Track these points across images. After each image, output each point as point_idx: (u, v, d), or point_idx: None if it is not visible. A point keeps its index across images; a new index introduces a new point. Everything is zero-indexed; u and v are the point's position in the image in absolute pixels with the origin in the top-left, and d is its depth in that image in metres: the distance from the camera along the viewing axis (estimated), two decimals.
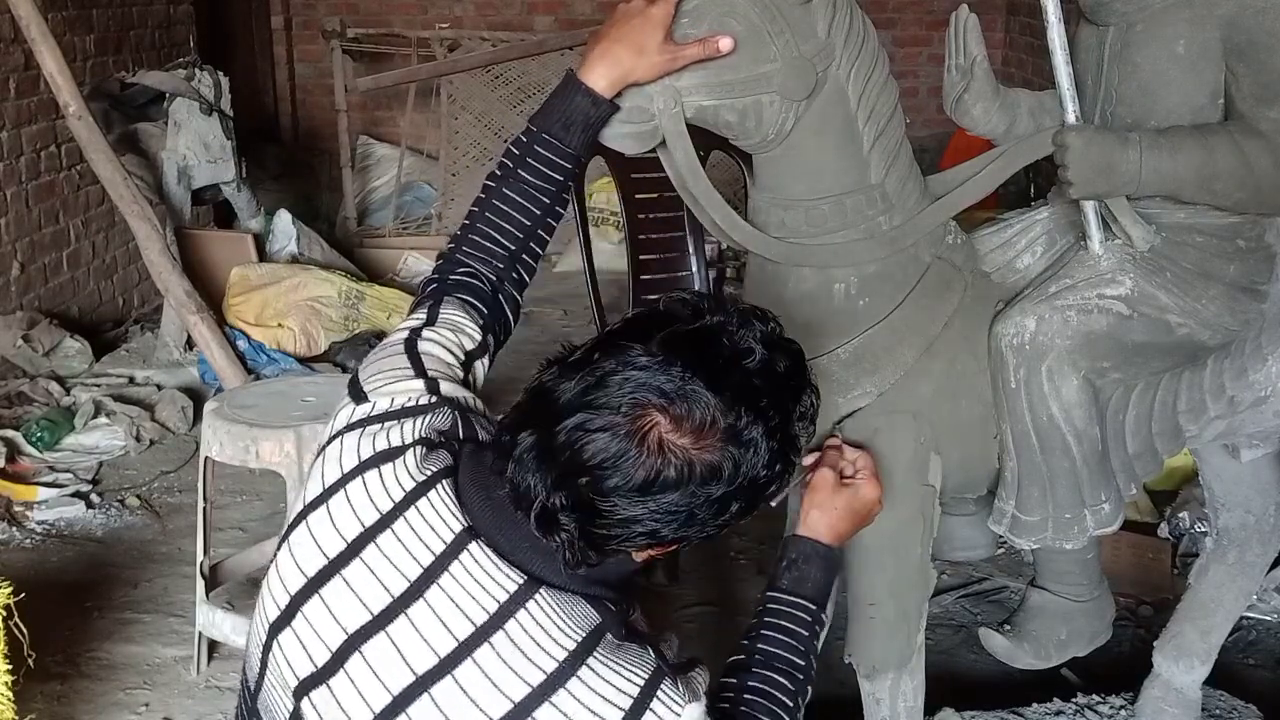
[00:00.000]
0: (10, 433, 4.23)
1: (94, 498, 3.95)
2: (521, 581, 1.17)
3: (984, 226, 2.08)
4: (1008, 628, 2.22)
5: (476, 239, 1.51)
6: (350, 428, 1.29)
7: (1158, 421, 1.99)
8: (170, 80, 5.53)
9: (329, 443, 1.30)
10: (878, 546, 1.93)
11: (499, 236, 1.51)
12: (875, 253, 1.84)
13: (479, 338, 1.44)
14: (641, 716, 1.14)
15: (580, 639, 1.16)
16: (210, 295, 4.94)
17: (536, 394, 1.20)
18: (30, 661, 2.39)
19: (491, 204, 1.52)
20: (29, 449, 4.20)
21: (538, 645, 1.15)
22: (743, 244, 1.84)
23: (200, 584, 3.00)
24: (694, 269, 3.88)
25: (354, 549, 1.21)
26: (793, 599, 1.47)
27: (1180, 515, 3.44)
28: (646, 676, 1.16)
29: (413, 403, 1.30)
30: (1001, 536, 2.04)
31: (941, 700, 2.51)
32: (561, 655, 1.15)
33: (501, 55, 6.52)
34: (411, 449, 1.25)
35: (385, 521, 1.21)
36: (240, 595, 3.34)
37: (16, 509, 3.83)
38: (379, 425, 1.28)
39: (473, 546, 1.19)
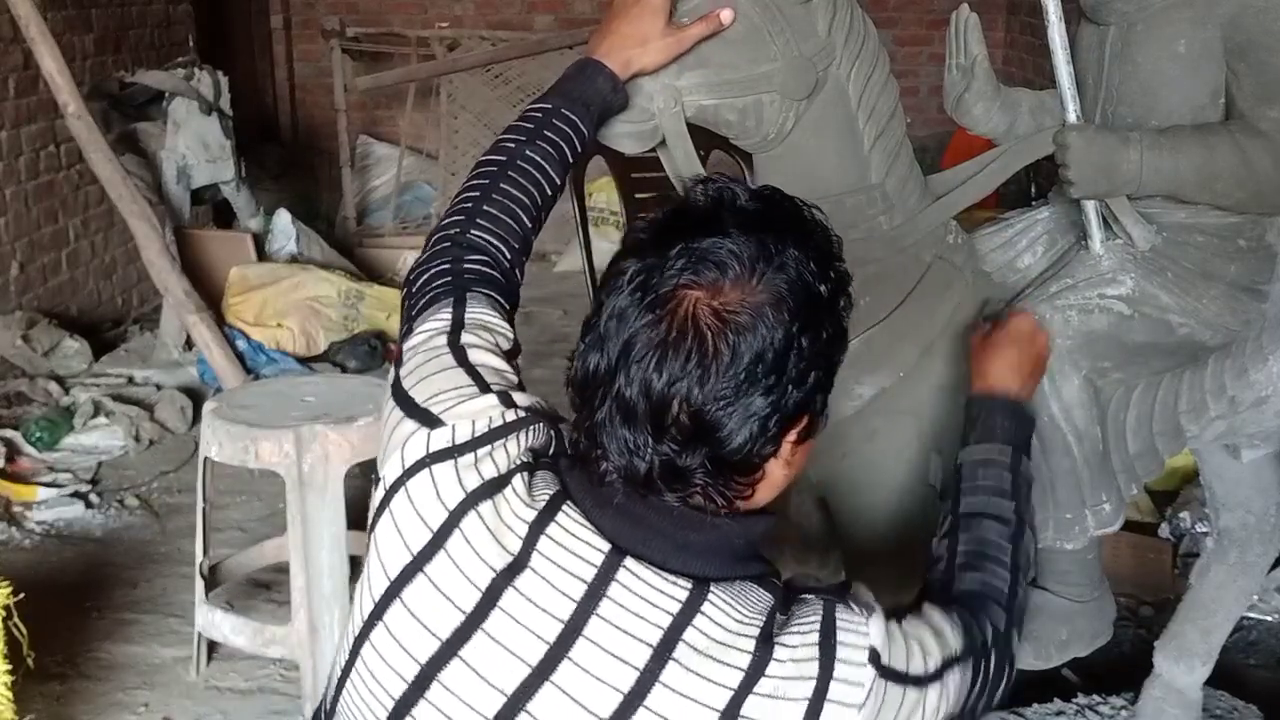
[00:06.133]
0: (9, 433, 4.23)
1: (93, 498, 3.95)
2: (690, 586, 1.07)
3: (985, 226, 2.08)
4: None
5: (493, 211, 1.38)
6: (435, 457, 1.13)
7: (1159, 421, 1.99)
8: (169, 80, 5.53)
9: (410, 474, 1.14)
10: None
11: (516, 209, 1.39)
12: (875, 252, 1.84)
13: (512, 337, 1.28)
14: (835, 656, 1.07)
15: (761, 624, 1.07)
16: (209, 295, 4.93)
17: (578, 385, 1.11)
18: (30, 661, 2.38)
19: (507, 174, 1.41)
20: (28, 449, 4.20)
21: (725, 645, 1.06)
22: None
23: (200, 584, 3.00)
24: None
25: (490, 598, 1.08)
26: (984, 448, 1.50)
27: (1181, 515, 3.44)
28: (820, 618, 1.09)
29: (497, 423, 1.15)
30: None
31: None
32: (750, 646, 1.06)
33: (501, 55, 6.51)
34: (517, 475, 1.12)
35: (520, 561, 1.08)
36: (239, 596, 3.34)
37: (16, 509, 3.82)
38: (469, 454, 1.13)
39: (627, 563, 1.08)
